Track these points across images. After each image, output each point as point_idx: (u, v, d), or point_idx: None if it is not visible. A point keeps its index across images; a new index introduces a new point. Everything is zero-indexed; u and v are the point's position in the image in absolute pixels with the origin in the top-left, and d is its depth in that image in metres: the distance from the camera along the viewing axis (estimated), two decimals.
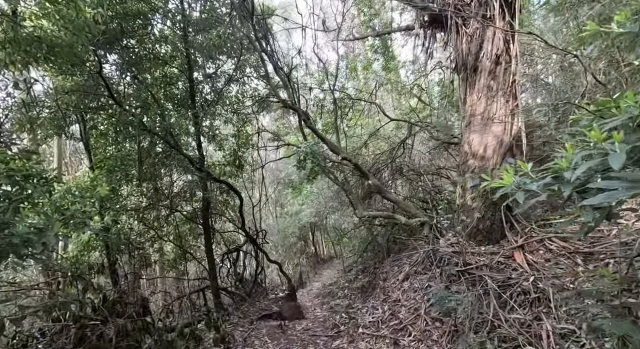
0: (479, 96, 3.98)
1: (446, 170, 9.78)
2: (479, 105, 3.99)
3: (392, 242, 8.89)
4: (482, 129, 3.97)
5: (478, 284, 3.06)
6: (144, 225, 6.61)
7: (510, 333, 2.42)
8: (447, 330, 3.11)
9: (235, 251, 8.37)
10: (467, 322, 2.91)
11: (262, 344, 4.53)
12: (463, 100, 4.29)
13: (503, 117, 3.83)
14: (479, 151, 3.98)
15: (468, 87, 4.16)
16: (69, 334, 3.81)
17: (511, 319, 2.59)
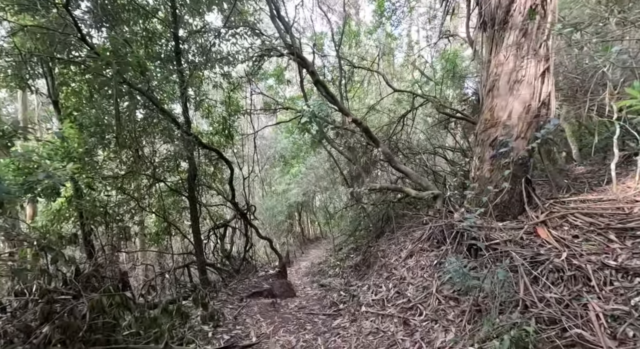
0: (506, 55, 3.56)
1: (443, 149, 9.51)
2: (506, 66, 3.58)
3: (386, 221, 8.67)
4: (507, 94, 3.58)
5: (503, 261, 2.75)
6: (124, 194, 6.03)
7: (551, 314, 2.12)
8: (466, 309, 2.82)
9: (222, 226, 7.92)
10: (490, 301, 2.61)
11: (255, 322, 4.20)
12: (487, 61, 3.87)
13: (532, 79, 3.44)
14: (502, 118, 3.61)
15: (494, 46, 3.73)
16: (34, 310, 3.34)
17: (547, 298, 2.30)
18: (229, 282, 6.32)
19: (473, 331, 2.52)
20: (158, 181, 6.38)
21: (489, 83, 3.78)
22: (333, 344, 3.30)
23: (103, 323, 3.18)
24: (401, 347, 2.81)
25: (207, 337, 3.60)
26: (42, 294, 3.40)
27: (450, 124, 9.08)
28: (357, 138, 5.77)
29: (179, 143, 5.65)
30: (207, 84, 7.20)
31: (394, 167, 4.93)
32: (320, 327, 3.84)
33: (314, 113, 3.85)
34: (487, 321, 2.44)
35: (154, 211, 6.73)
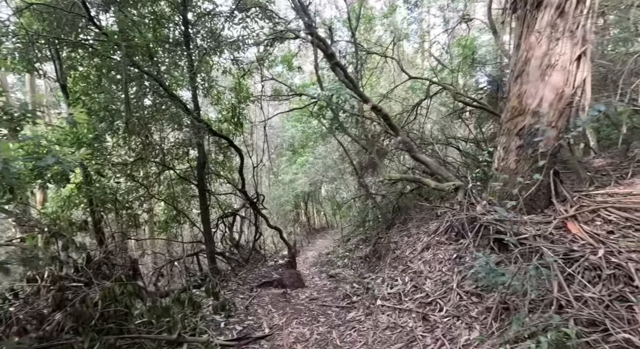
0: (539, 37, 3.31)
1: (456, 140, 9.25)
2: (538, 49, 3.34)
3: (396, 212, 8.52)
4: (538, 80, 3.35)
5: (533, 257, 2.60)
6: (134, 181, 5.95)
7: (591, 315, 1.98)
8: (491, 306, 2.69)
9: (231, 215, 7.86)
10: (519, 299, 2.47)
11: (266, 313, 4.14)
12: (516, 45, 3.62)
13: (567, 64, 3.20)
14: (532, 105, 3.39)
15: (525, 28, 3.47)
16: (46, 297, 3.30)
17: (584, 298, 2.15)
18: (238, 271, 6.28)
19: (501, 330, 2.40)
20: (167, 168, 6.29)
21: (518, 68, 3.55)
22: (349, 338, 3.21)
23: (115, 311, 3.13)
24: (421, 344, 2.71)
25: (220, 327, 3.54)
26: (53, 281, 3.35)
27: (465, 113, 8.80)
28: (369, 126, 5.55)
29: (189, 130, 5.51)
30: (216, 69, 7.02)
31: (413, 157, 4.75)
32: (334, 320, 3.75)
33: (331, 99, 3.65)
34: (516, 320, 2.30)
35: (163, 199, 6.67)
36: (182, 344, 2.99)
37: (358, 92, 4.48)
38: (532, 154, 3.42)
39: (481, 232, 3.35)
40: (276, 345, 3.24)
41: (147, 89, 6.01)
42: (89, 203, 5.47)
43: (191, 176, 6.83)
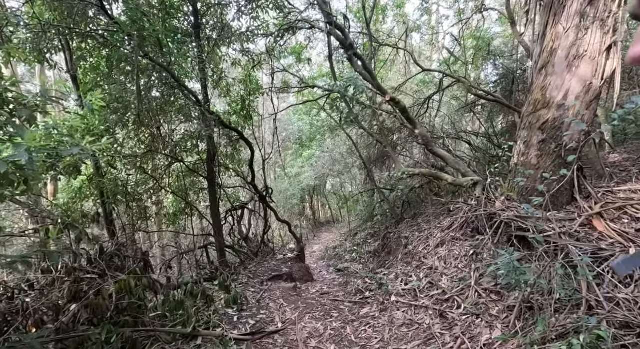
0: (566, 26, 3.17)
1: (467, 134, 9.09)
2: (565, 39, 3.20)
3: (406, 207, 8.44)
4: (564, 71, 3.22)
5: (559, 255, 2.51)
6: (145, 174, 5.94)
7: (626, 317, 1.90)
8: (513, 305, 2.62)
9: (240, 208, 7.84)
10: (543, 298, 2.40)
11: (279, 307, 4.12)
12: (541, 35, 3.48)
13: (596, 54, 3.06)
14: (557, 98, 3.27)
15: (552, 17, 3.33)
16: (61, 288, 3.31)
17: (617, 299, 2.07)
18: (248, 264, 6.27)
19: (525, 330, 2.33)
20: (177, 160, 6.26)
21: (543, 59, 3.41)
22: (364, 334, 3.17)
23: (129, 303, 3.12)
24: (440, 341, 2.65)
25: (233, 321, 3.52)
26: (68, 273, 3.35)
27: (477, 107, 8.63)
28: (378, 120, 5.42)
29: (200, 122, 5.45)
30: (225, 61, 6.92)
31: (431, 150, 4.64)
32: (347, 315, 3.72)
33: (346, 90, 3.54)
34: (541, 320, 2.24)
35: (173, 191, 6.66)
36: (196, 337, 2.98)
37: (376, 84, 4.37)
38: (555, 148, 3.31)
39: (501, 229, 3.26)
40: (290, 340, 3.21)
41: (155, 81, 5.95)
42: (100, 195, 5.47)
43: (200, 168, 6.80)
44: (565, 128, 3.13)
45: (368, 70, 4.40)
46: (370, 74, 4.38)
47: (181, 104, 6.63)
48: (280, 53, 6.84)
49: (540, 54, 3.47)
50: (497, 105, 7.67)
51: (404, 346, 2.78)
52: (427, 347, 2.66)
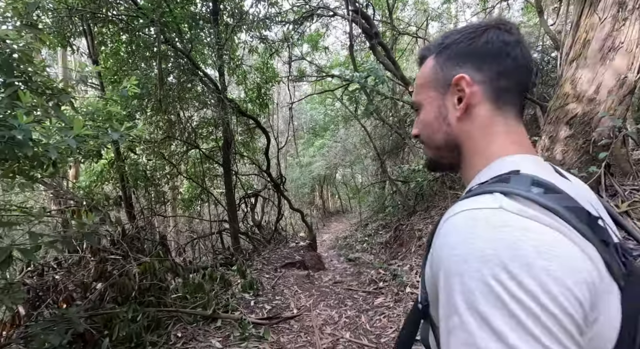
0: (602, 16, 3.03)
1: None
2: (600, 30, 3.06)
3: (419, 199, 8.40)
4: (597, 63, 3.10)
5: None
6: (164, 159, 6.04)
7: None
8: None
9: (254, 195, 7.94)
10: None
11: (293, 294, 4.20)
12: (574, 25, 3.34)
13: (633, 46, 2.93)
14: (588, 91, 3.15)
15: (587, 6, 3.18)
16: (88, 267, 3.44)
17: None
18: (261, 251, 6.39)
19: None
20: (194, 147, 6.35)
21: (574, 51, 3.28)
22: (379, 323, 3.22)
23: (151, 284, 3.23)
24: None
25: (250, 305, 3.62)
26: (93, 253, 3.48)
27: None
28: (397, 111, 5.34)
29: (217, 109, 5.48)
30: (242, 48, 6.89)
31: None
32: (361, 304, 3.77)
33: (366, 81, 3.48)
34: None
35: (190, 177, 6.78)
36: (216, 320, 3.08)
37: (400, 74, 4.28)
38: (583, 144, 3.21)
39: None
40: (306, 326, 3.29)
41: (172, 67, 5.99)
42: (120, 179, 5.60)
43: (216, 155, 6.88)
44: (596, 123, 3.03)
45: (392, 59, 4.31)
46: (394, 64, 4.29)
47: (197, 90, 6.68)
48: (298, 40, 6.75)
49: (571, 45, 3.34)
50: None
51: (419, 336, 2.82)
52: None
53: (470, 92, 0.52)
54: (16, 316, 2.48)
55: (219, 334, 2.89)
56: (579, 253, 0.37)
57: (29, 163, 2.31)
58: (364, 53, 7.77)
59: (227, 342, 2.77)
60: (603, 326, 0.38)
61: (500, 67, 0.52)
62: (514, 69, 0.52)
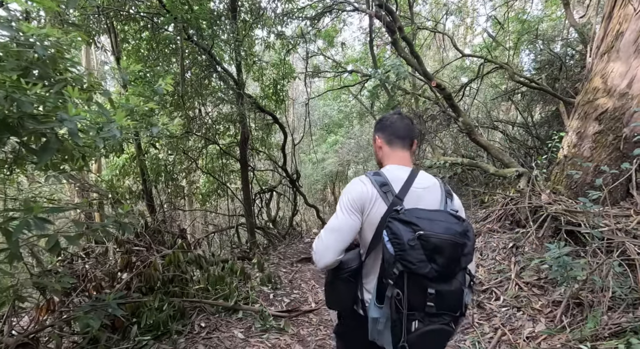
0: (638, 7, 2.91)
1: (503, 123, 8.70)
2: (635, 21, 2.95)
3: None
4: (631, 57, 2.98)
5: (614, 252, 2.41)
6: (184, 154, 6.16)
7: None
8: (559, 300, 2.57)
9: (269, 191, 8.02)
10: (593, 295, 2.33)
11: (311, 288, 4.24)
12: (605, 17, 3.22)
13: None
14: (620, 86, 3.04)
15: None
16: (114, 258, 3.56)
17: None
18: (277, 246, 6.46)
19: (572, 325, 2.28)
20: (212, 142, 6.44)
21: (606, 43, 3.17)
22: None
23: (174, 276, 3.32)
24: (479, 331, 2.65)
25: (269, 298, 3.67)
26: (119, 244, 3.59)
27: (516, 95, 8.20)
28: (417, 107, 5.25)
29: (237, 105, 5.54)
30: (259, 44, 6.92)
31: (473, 139, 4.50)
32: None
33: (387, 77, 3.45)
34: (592, 317, 2.18)
35: (208, 171, 6.89)
36: (237, 311, 3.14)
37: (422, 69, 4.22)
38: (613, 140, 3.11)
39: (547, 223, 3.15)
40: (324, 319, 3.31)
41: (190, 63, 6.07)
42: (141, 173, 5.74)
43: (233, 150, 6.96)
44: (628, 119, 2.93)
45: (415, 54, 4.25)
46: (417, 59, 4.23)
47: (214, 86, 6.76)
48: (315, 36, 6.73)
49: (603, 37, 3.23)
50: (537, 93, 7.25)
51: None
52: (465, 336, 2.67)
53: (379, 142, 1.27)
54: (50, 302, 2.59)
55: (241, 325, 2.95)
56: (366, 188, 1.10)
57: (60, 156, 2.41)
58: (379, 49, 7.68)
59: (249, 333, 2.83)
60: (374, 214, 1.08)
61: (387, 131, 1.24)
62: (394, 131, 1.23)
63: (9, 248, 1.19)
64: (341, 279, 1.11)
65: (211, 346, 2.56)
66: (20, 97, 1.14)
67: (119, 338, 2.44)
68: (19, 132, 1.18)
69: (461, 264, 0.99)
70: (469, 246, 0.99)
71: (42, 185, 5.38)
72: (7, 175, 2.52)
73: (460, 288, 1.00)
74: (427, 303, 0.95)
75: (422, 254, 0.93)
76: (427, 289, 0.94)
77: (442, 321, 0.98)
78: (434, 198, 1.11)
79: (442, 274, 0.95)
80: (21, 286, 1.93)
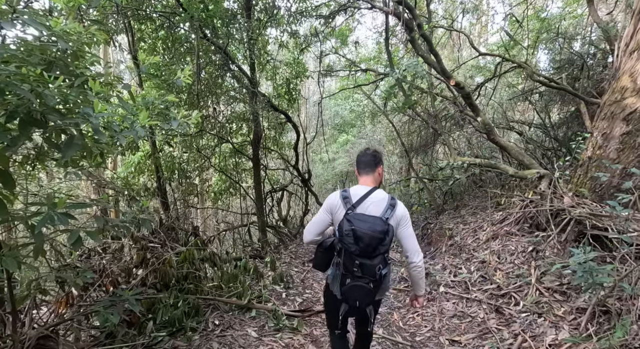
0: None
1: (519, 124, 8.50)
2: None
3: (448, 198, 8.18)
4: None
5: None
6: (198, 151, 6.21)
7: None
8: (583, 307, 2.47)
9: (280, 190, 8.02)
10: (622, 303, 2.23)
11: (322, 288, 4.21)
12: (637, 11, 3.09)
13: None
14: None
15: None
16: (130, 254, 3.60)
17: None
18: (288, 245, 6.45)
19: (598, 334, 2.19)
20: (225, 141, 6.48)
21: (635, 41, 3.04)
22: (412, 322, 3.16)
23: (189, 273, 3.34)
24: (497, 336, 2.57)
25: (281, 298, 3.66)
26: (135, 240, 3.63)
27: (534, 95, 7.99)
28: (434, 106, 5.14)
29: (251, 103, 5.54)
30: (273, 43, 6.93)
31: (492, 140, 4.40)
32: (392, 301, 3.72)
33: (404, 77, 3.38)
34: (621, 327, 2.08)
35: (221, 170, 6.93)
36: (250, 309, 3.13)
37: (441, 67, 4.14)
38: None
39: (570, 227, 3.04)
40: None
41: (204, 62, 6.11)
42: (155, 170, 5.81)
43: (246, 149, 6.99)
44: None
45: (434, 52, 4.17)
46: (436, 57, 4.15)
47: (227, 85, 6.79)
48: (330, 34, 6.68)
49: (632, 34, 3.09)
50: (556, 94, 7.05)
51: (457, 337, 2.74)
52: (484, 341, 2.60)
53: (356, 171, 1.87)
54: (69, 296, 2.63)
55: (254, 324, 2.94)
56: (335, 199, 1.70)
57: (79, 153, 2.44)
58: (393, 48, 7.58)
59: (262, 332, 2.82)
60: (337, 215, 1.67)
61: (358, 164, 1.84)
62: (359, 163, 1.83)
63: (34, 242, 1.19)
64: (320, 252, 1.79)
65: (225, 343, 2.56)
66: (44, 90, 1.14)
67: (135, 333, 2.46)
68: (44, 125, 1.18)
69: (379, 250, 1.55)
70: (387, 240, 1.55)
71: (61, 181, 5.49)
72: (30, 171, 2.57)
73: (377, 264, 1.57)
74: (354, 269, 1.56)
75: (352, 240, 1.53)
76: (355, 261, 1.56)
77: (364, 280, 1.58)
78: (378, 208, 1.65)
79: (363, 253, 1.54)
80: (44, 279, 1.95)
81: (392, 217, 1.64)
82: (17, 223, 1.32)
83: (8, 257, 1.12)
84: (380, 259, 1.57)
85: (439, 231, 6.28)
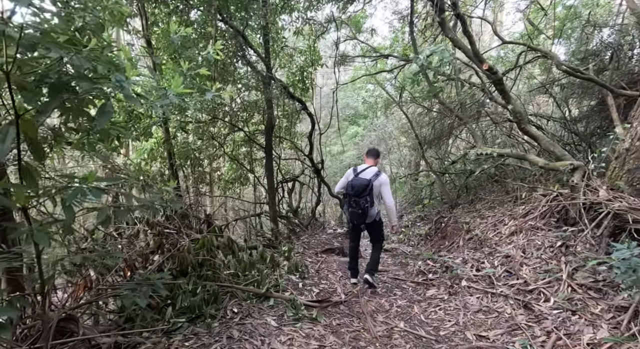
0: None
1: (538, 117, 8.23)
2: None
3: (462, 192, 8.01)
4: None
5: None
6: (212, 138, 6.13)
7: None
8: (624, 306, 2.34)
9: (291, 180, 7.94)
10: None
11: (338, 279, 4.14)
12: None
13: None
14: None
15: None
16: (146, 239, 3.56)
17: None
18: (300, 236, 6.39)
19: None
20: (238, 129, 6.38)
21: None
22: (434, 316, 3.07)
23: (205, 260, 3.28)
24: (529, 333, 2.46)
25: (298, 287, 3.59)
26: (150, 226, 3.58)
27: (556, 87, 7.70)
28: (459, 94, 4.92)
29: (266, 90, 5.42)
30: (288, 30, 6.76)
31: (522, 129, 4.21)
32: (411, 294, 3.63)
33: (430, 63, 3.21)
34: None
35: (234, 157, 6.85)
36: (268, 298, 3.07)
37: (474, 50, 3.94)
38: None
39: (606, 221, 2.89)
40: (356, 312, 3.21)
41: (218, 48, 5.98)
42: (169, 157, 5.76)
43: (258, 138, 6.89)
44: None
45: (468, 33, 3.97)
46: (469, 38, 3.95)
47: (241, 73, 6.67)
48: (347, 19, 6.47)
49: None
50: (578, 86, 6.77)
51: (484, 332, 2.64)
52: (513, 337, 2.49)
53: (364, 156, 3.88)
54: (88, 280, 2.59)
55: (273, 313, 2.87)
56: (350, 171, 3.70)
57: (96, 137, 2.36)
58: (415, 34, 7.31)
59: (281, 321, 2.75)
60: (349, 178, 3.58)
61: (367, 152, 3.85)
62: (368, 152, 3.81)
63: (64, 220, 1.11)
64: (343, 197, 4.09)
65: (245, 332, 2.49)
66: (74, 55, 1.05)
67: (158, 317, 2.41)
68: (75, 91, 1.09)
69: (364, 193, 3.38)
70: (367, 189, 3.38)
71: (75, 165, 5.45)
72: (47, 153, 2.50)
73: (363, 200, 3.40)
74: (352, 203, 3.46)
75: (351, 188, 3.43)
76: (352, 198, 3.43)
77: (358, 208, 3.44)
78: (369, 175, 3.46)
79: (356, 194, 3.40)
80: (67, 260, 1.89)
81: (376, 180, 3.45)
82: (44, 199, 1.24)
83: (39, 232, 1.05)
84: (364, 199, 3.39)
85: (454, 225, 6.14)
